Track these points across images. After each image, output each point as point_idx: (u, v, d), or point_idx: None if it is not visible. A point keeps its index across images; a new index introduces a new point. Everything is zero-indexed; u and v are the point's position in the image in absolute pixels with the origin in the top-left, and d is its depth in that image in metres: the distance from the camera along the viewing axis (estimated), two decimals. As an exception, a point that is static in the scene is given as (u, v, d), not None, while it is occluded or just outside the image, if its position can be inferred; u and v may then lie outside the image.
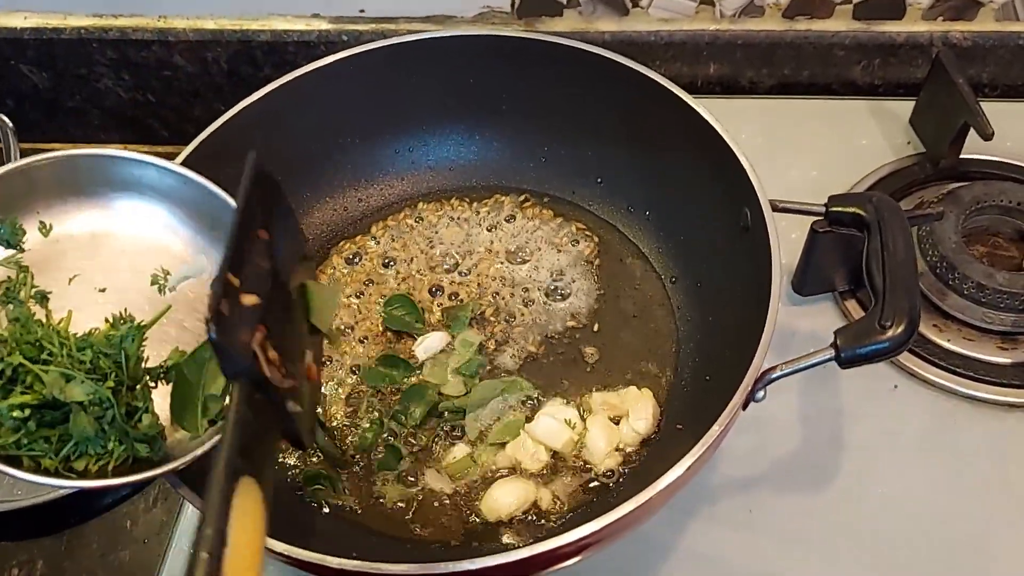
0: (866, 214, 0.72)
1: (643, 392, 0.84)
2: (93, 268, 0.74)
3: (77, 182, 0.73)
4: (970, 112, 0.96)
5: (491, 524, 0.78)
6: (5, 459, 0.63)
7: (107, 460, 0.64)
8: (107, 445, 0.64)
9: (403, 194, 1.01)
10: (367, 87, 0.94)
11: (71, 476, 0.63)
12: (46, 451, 0.63)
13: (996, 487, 0.84)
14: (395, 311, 0.91)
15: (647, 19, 1.13)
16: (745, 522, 0.83)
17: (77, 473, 0.64)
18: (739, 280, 0.79)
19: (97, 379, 0.64)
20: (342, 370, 0.89)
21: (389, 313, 0.91)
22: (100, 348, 0.66)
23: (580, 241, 0.96)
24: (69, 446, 0.63)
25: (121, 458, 0.65)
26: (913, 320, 0.65)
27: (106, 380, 0.64)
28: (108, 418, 0.64)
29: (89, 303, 0.73)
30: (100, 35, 1.18)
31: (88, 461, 0.64)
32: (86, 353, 0.65)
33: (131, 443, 0.65)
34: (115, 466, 0.64)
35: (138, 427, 0.65)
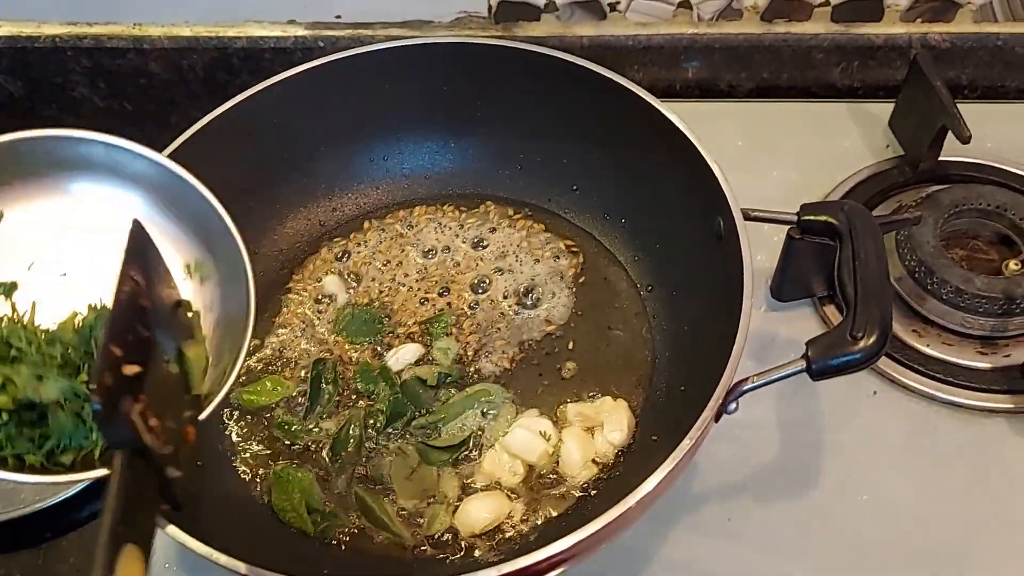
0: (837, 222, 0.72)
1: (618, 403, 0.83)
2: (52, 253, 0.72)
3: (24, 166, 0.71)
4: (948, 115, 0.96)
5: (465, 539, 0.78)
6: None
7: (91, 449, 0.63)
8: (90, 436, 0.63)
9: (378, 203, 1.00)
10: (341, 95, 0.93)
11: (59, 471, 0.63)
12: (29, 449, 0.62)
13: (976, 492, 0.84)
14: (352, 328, 0.91)
15: (624, 23, 1.12)
16: (725, 530, 0.83)
17: (64, 467, 0.63)
18: (713, 289, 0.78)
19: (69, 373, 0.63)
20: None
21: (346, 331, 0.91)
22: (70, 341, 0.65)
23: (558, 251, 0.96)
24: (51, 442, 0.63)
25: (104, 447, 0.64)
26: (885, 331, 0.65)
27: (79, 372, 0.64)
28: (87, 411, 0.63)
29: (52, 290, 0.70)
30: (75, 43, 1.17)
31: (74, 454, 0.63)
32: (55, 348, 0.64)
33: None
34: (100, 455, 0.63)
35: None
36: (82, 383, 0.63)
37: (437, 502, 0.79)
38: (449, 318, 0.91)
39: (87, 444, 0.63)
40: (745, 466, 0.86)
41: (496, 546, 0.77)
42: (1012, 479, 0.84)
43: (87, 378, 0.63)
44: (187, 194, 0.71)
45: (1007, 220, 0.96)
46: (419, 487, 0.80)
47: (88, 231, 0.72)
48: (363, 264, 0.96)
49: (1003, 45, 1.09)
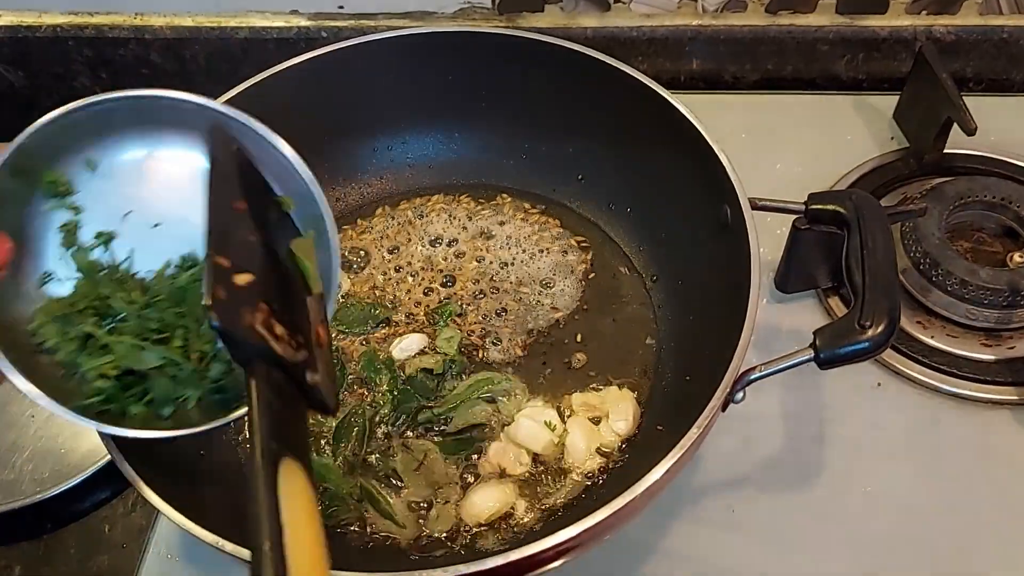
0: (845, 211, 0.72)
1: (623, 392, 0.83)
2: (145, 202, 0.71)
3: (122, 122, 0.70)
4: (953, 107, 0.96)
5: (471, 528, 0.78)
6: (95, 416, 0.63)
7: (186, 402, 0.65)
8: (186, 391, 0.64)
9: (382, 192, 1.00)
10: (345, 85, 0.93)
11: (161, 426, 0.64)
12: (132, 404, 0.63)
13: (979, 484, 0.84)
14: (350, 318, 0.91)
15: (629, 15, 1.12)
16: (728, 521, 0.83)
17: (163, 419, 0.64)
18: (719, 279, 0.78)
19: (166, 338, 0.64)
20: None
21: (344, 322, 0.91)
22: (164, 300, 0.65)
23: (567, 246, 0.96)
24: (150, 396, 0.64)
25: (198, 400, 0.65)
26: (893, 320, 0.65)
27: (173, 338, 0.64)
28: (183, 375, 0.64)
29: (146, 240, 0.70)
30: (76, 33, 1.18)
31: (173, 407, 0.64)
32: (151, 313, 0.64)
33: (204, 392, 0.65)
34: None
35: (206, 377, 0.65)
36: (177, 349, 0.63)
37: (441, 500, 0.79)
38: (454, 307, 0.91)
39: (188, 395, 0.64)
40: (748, 458, 0.86)
41: (501, 535, 0.77)
42: (1016, 470, 0.84)
43: (181, 344, 0.63)
44: (261, 146, 0.69)
45: (1012, 212, 0.96)
46: (427, 479, 0.80)
47: (178, 183, 0.71)
48: (368, 253, 0.96)
49: (1008, 38, 1.10)
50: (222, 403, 0.65)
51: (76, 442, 0.94)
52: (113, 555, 0.90)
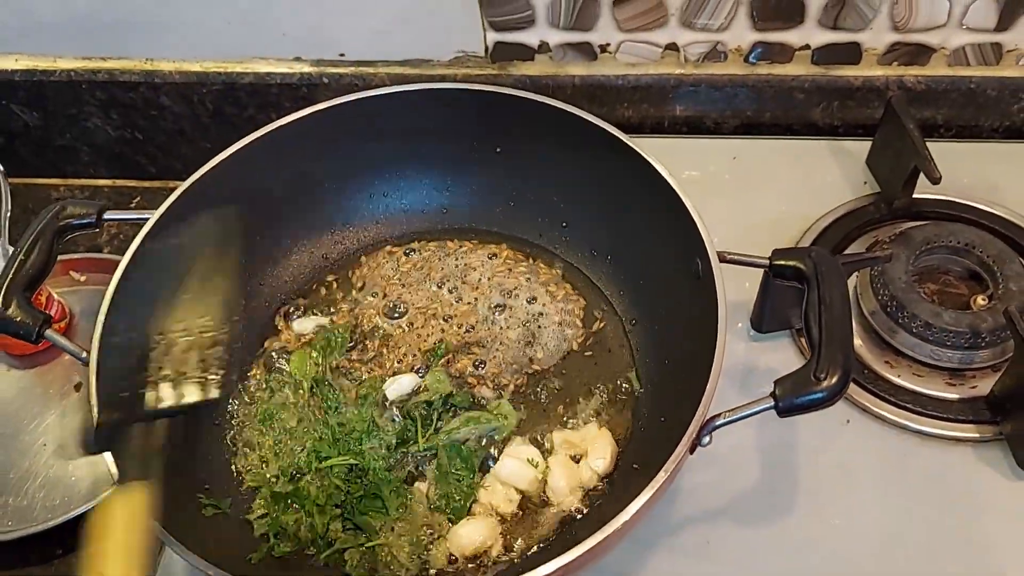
0: (805, 268, 0.76)
1: (602, 431, 0.87)
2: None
3: None
4: (920, 157, 1.00)
5: (459, 561, 0.82)
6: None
7: None
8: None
9: (378, 237, 1.04)
10: (342, 136, 0.97)
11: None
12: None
13: (943, 517, 0.87)
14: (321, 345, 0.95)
15: (615, 64, 1.16)
16: (705, 553, 0.86)
17: None
18: (692, 325, 0.82)
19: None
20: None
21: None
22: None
23: (548, 284, 1.00)
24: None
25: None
26: (846, 371, 0.69)
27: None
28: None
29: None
30: (89, 76, 1.22)
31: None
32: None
33: None
34: None
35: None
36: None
37: (433, 537, 0.82)
38: (445, 348, 0.95)
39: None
40: (724, 492, 0.90)
41: (484, 570, 0.81)
42: (977, 504, 0.88)
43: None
44: None
45: (975, 257, 1.00)
46: (419, 520, 0.83)
47: None
48: (362, 294, 1.01)
49: (975, 88, 1.13)
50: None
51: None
52: (122, 578, 0.95)
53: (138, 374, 0.78)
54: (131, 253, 0.83)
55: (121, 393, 0.77)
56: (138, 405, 0.77)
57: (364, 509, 0.82)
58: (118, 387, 0.77)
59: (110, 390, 0.76)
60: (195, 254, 0.83)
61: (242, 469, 0.87)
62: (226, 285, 0.83)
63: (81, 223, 0.84)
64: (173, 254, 0.84)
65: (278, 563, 0.80)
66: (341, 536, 0.80)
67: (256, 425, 0.90)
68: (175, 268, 0.82)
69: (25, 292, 0.79)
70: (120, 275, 0.82)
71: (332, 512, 0.81)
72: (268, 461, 0.87)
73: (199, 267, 0.83)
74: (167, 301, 0.81)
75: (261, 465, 0.87)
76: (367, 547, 0.80)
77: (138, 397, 0.77)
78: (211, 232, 0.85)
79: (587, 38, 1.14)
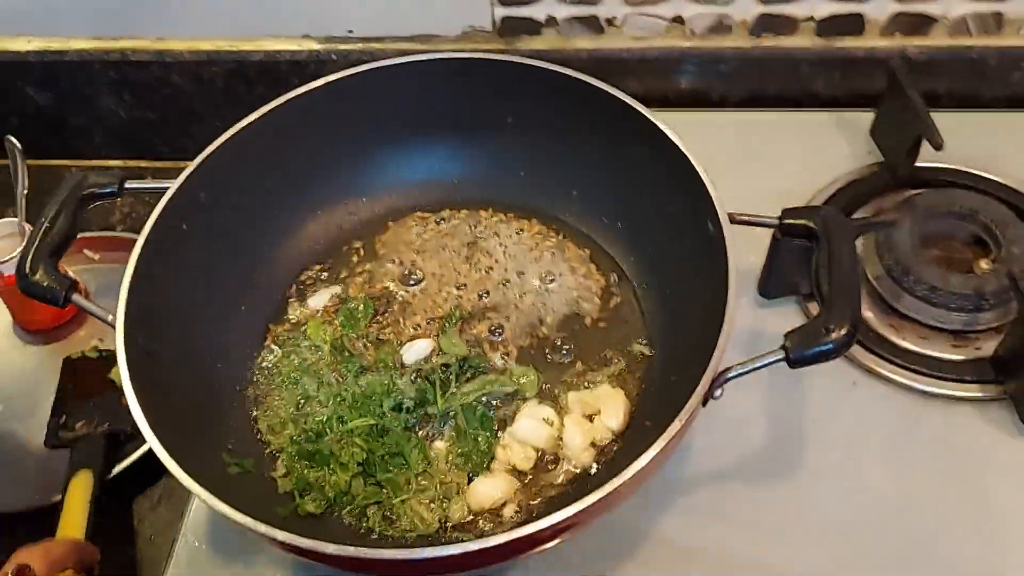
0: (815, 226, 0.78)
1: (615, 391, 0.89)
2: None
3: None
4: (923, 125, 1.01)
5: (473, 514, 0.83)
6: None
7: None
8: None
9: (391, 207, 1.06)
10: (355, 108, 0.98)
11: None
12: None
13: (946, 474, 0.89)
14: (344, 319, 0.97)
15: (621, 37, 1.18)
16: (716, 512, 0.88)
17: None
18: (702, 288, 0.83)
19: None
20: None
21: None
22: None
23: (559, 251, 1.01)
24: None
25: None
26: (854, 324, 0.71)
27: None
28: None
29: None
30: (101, 56, 1.23)
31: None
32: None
33: None
34: None
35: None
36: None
37: (446, 494, 0.84)
38: (460, 314, 0.96)
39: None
40: (735, 453, 0.91)
41: (502, 522, 0.83)
42: (982, 462, 0.89)
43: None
44: None
45: (979, 223, 1.02)
46: (435, 478, 0.85)
47: None
48: (377, 264, 1.02)
49: (976, 57, 1.15)
50: None
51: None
52: (141, 547, 0.97)
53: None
54: (153, 220, 0.85)
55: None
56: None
57: (386, 467, 0.84)
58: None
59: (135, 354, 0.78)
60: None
61: (264, 430, 0.89)
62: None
63: (104, 192, 0.85)
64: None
65: (304, 520, 0.82)
66: (363, 492, 0.82)
67: (277, 389, 0.92)
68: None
69: (51, 258, 0.81)
70: (143, 242, 0.83)
71: (354, 469, 0.83)
72: (290, 423, 0.88)
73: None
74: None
75: (283, 427, 0.89)
76: (390, 503, 0.82)
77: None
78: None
79: (594, 11, 1.15)
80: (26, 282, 0.80)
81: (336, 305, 0.99)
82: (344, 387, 0.89)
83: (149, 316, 0.83)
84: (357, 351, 0.93)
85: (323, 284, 1.01)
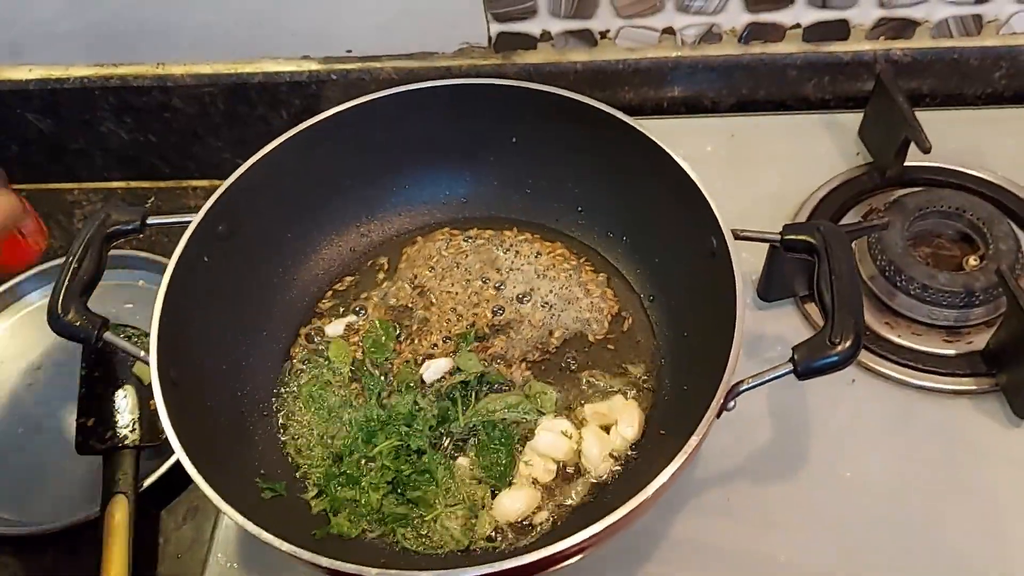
0: (815, 241, 0.81)
1: (629, 402, 0.92)
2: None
3: None
4: (910, 128, 1.05)
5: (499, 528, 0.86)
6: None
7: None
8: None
9: (401, 228, 1.08)
10: (365, 134, 1.00)
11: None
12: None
13: (945, 466, 0.93)
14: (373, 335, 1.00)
15: (615, 49, 1.20)
16: (725, 510, 0.91)
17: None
18: (708, 300, 0.86)
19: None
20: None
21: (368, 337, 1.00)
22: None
23: (567, 266, 1.04)
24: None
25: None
26: (858, 336, 0.74)
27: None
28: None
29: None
30: (102, 83, 1.24)
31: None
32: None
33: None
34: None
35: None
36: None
37: (472, 508, 0.87)
38: (476, 331, 0.99)
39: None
40: (741, 452, 0.95)
41: (526, 535, 0.86)
42: (977, 453, 0.93)
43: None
44: None
45: (966, 220, 1.06)
46: (461, 494, 0.88)
47: None
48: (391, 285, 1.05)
49: (959, 58, 1.19)
50: None
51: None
52: (168, 565, 0.99)
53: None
54: (178, 255, 0.87)
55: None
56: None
57: (415, 485, 0.87)
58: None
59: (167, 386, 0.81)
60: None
61: (293, 453, 0.92)
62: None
63: (127, 229, 0.88)
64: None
65: (338, 540, 0.85)
66: (395, 511, 0.86)
67: (302, 412, 0.95)
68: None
69: (81, 297, 0.83)
70: (169, 278, 0.86)
71: (384, 488, 0.86)
72: (318, 445, 0.91)
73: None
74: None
75: (310, 449, 0.92)
76: (421, 521, 0.85)
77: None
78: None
79: (587, 25, 1.18)
80: (58, 323, 0.82)
81: (356, 326, 1.01)
82: (369, 408, 0.93)
83: (175, 348, 0.85)
84: (379, 371, 0.96)
85: (342, 306, 1.04)
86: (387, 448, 0.88)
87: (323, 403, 0.94)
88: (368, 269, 1.07)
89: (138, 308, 1.15)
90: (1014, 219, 1.08)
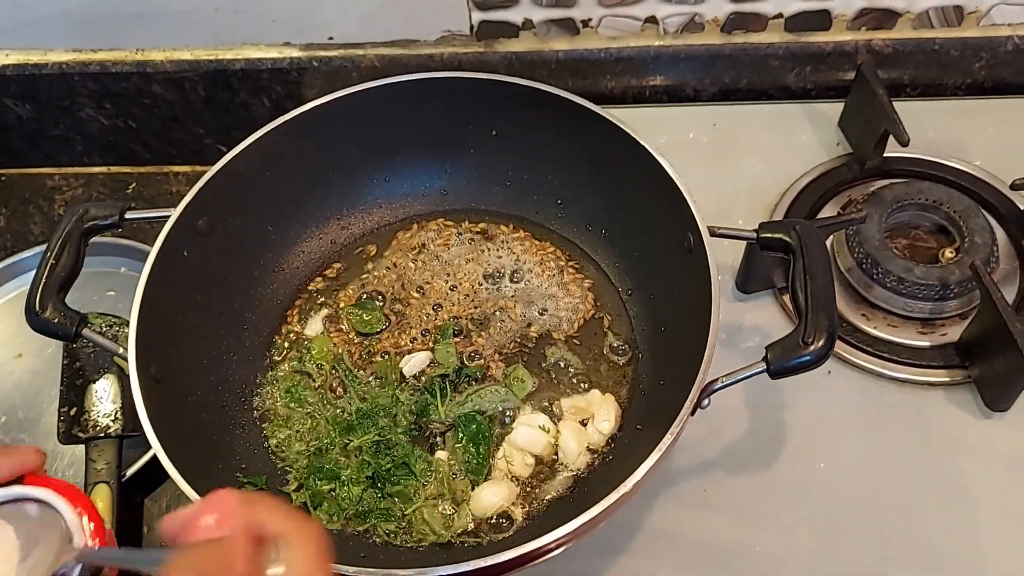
0: (791, 240, 0.82)
1: (606, 396, 0.93)
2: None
3: None
4: (889, 120, 1.05)
5: (478, 521, 0.88)
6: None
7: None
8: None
9: (382, 221, 1.08)
10: (345, 127, 1.00)
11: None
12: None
13: (919, 456, 0.94)
14: (357, 313, 1.01)
15: (597, 37, 1.20)
16: (701, 500, 0.93)
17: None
18: (685, 295, 0.87)
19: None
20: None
21: (353, 315, 1.01)
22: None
23: (546, 259, 1.04)
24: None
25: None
26: (831, 336, 0.75)
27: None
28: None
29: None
30: (81, 69, 1.23)
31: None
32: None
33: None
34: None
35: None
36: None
37: (452, 502, 0.88)
38: (456, 324, 0.99)
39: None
40: (717, 443, 0.96)
41: (504, 529, 0.87)
42: (950, 443, 0.95)
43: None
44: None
45: (943, 213, 1.06)
46: (444, 485, 0.89)
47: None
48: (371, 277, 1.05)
49: (939, 49, 1.19)
50: None
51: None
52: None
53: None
54: (156, 250, 0.87)
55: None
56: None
57: (394, 479, 0.88)
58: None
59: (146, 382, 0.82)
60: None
61: (274, 447, 0.93)
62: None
63: (105, 224, 0.88)
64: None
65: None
66: (375, 506, 0.87)
67: (283, 406, 0.95)
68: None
69: (59, 294, 0.83)
70: (148, 274, 0.86)
71: (364, 482, 0.87)
72: (298, 439, 0.92)
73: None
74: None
75: (291, 443, 0.93)
76: (402, 515, 0.86)
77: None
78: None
79: (569, 14, 1.18)
80: (36, 320, 0.82)
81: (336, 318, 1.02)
82: (348, 400, 0.93)
83: (155, 344, 0.86)
84: (359, 365, 0.97)
85: (322, 300, 1.04)
86: (367, 442, 0.89)
87: (304, 397, 0.95)
88: (352, 259, 1.07)
89: (120, 296, 1.15)
90: (990, 211, 1.09)
